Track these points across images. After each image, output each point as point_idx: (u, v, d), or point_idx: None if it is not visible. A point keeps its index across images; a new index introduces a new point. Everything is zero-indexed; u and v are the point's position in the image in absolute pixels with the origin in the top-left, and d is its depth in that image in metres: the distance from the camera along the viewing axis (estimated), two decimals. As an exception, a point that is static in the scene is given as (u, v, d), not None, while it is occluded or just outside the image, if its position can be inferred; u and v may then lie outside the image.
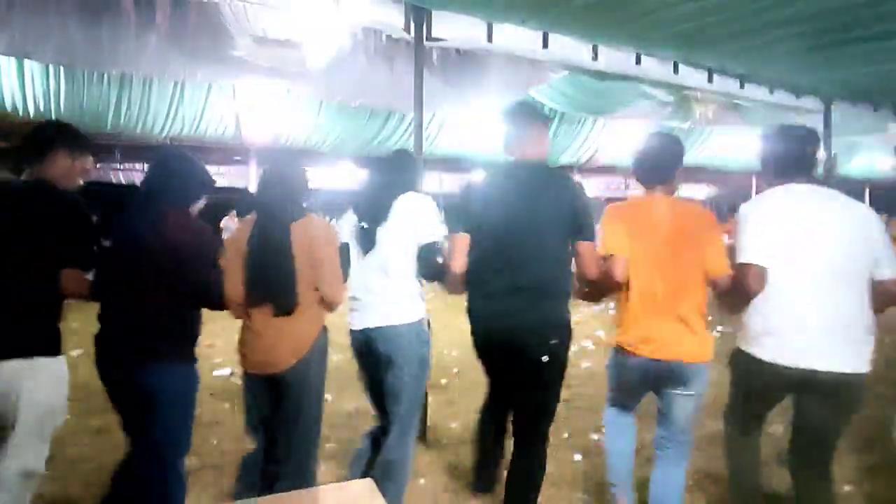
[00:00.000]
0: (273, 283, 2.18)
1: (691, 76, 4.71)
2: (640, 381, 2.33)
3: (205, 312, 2.37)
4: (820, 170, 2.90)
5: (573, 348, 2.41)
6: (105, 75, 6.87)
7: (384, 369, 2.42)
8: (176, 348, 2.16)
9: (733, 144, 11.41)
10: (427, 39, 3.49)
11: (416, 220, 2.42)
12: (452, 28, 3.58)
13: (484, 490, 2.67)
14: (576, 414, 3.87)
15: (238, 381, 4.56)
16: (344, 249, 2.43)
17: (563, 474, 3.06)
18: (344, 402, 4.11)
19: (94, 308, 2.22)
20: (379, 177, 2.58)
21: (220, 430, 3.64)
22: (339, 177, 11.57)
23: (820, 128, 5.91)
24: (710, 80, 4.78)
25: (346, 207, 2.61)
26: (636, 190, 2.51)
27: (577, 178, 14.60)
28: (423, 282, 2.54)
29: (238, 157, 11.20)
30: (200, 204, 2.34)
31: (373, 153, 10.02)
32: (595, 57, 4.15)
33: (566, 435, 3.54)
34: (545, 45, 3.89)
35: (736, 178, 14.72)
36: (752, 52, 4.09)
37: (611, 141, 11.04)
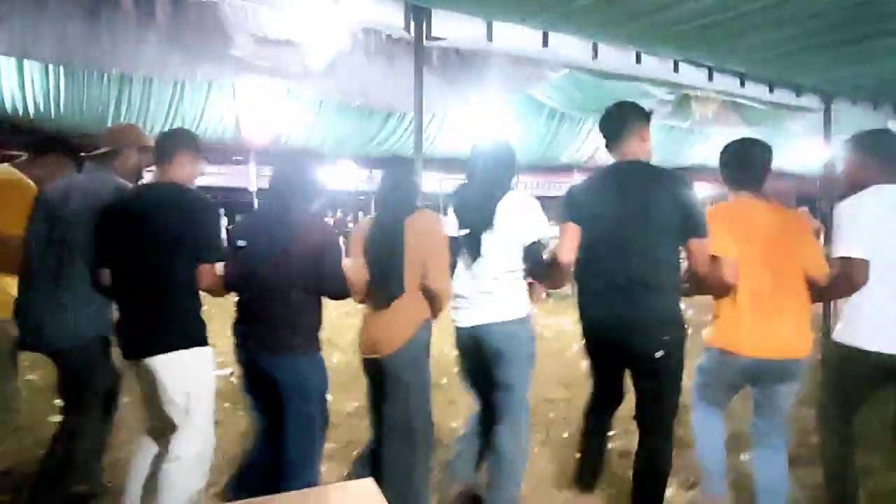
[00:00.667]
0: (382, 274, 2.34)
1: (691, 75, 4.70)
2: (743, 380, 2.45)
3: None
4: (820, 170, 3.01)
5: (573, 348, 2.45)
6: (105, 75, 6.87)
7: (495, 364, 2.49)
8: (310, 339, 2.36)
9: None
10: (427, 39, 3.49)
11: (521, 222, 2.45)
12: (452, 28, 3.58)
13: (586, 488, 2.68)
14: (576, 414, 3.87)
15: (236, 380, 4.56)
16: (451, 243, 2.49)
17: (564, 473, 3.06)
18: (344, 402, 4.10)
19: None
20: (479, 178, 2.55)
21: (219, 430, 3.61)
22: (338, 177, 11.57)
23: (820, 126, 5.91)
24: (710, 79, 4.78)
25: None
26: None
27: (576, 178, 14.68)
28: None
29: (238, 157, 11.19)
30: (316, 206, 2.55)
31: (372, 153, 10.03)
32: (595, 56, 4.15)
33: (566, 434, 3.54)
34: (545, 44, 3.88)
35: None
36: (752, 52, 4.09)
37: (611, 140, 11.04)
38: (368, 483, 1.97)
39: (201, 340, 2.30)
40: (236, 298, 2.40)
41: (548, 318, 7.46)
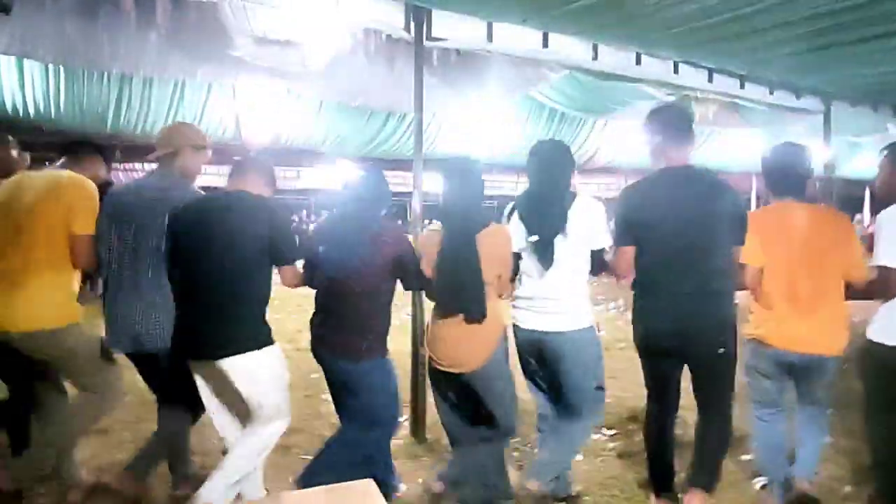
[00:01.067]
0: (465, 295, 2.35)
1: (691, 76, 4.71)
2: (779, 372, 2.58)
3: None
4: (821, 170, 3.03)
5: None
6: (105, 75, 6.86)
7: (566, 368, 2.53)
8: (384, 342, 2.50)
9: (733, 144, 11.40)
10: (427, 39, 3.49)
11: (590, 228, 2.47)
12: (452, 28, 3.58)
13: (667, 492, 2.67)
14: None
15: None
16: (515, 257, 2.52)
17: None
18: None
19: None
20: (546, 182, 2.53)
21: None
22: (339, 177, 11.56)
23: (820, 128, 5.92)
24: (710, 80, 4.78)
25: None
26: None
27: (576, 178, 14.61)
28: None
29: (238, 158, 11.20)
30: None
31: (372, 153, 10.02)
32: (595, 57, 4.15)
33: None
34: (545, 44, 3.89)
35: (735, 178, 14.71)
36: (753, 53, 4.09)
37: (611, 141, 11.03)
38: (368, 483, 1.97)
39: (270, 340, 2.40)
40: (317, 301, 2.51)
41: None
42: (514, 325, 2.59)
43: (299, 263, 2.51)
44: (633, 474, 3.07)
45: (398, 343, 2.82)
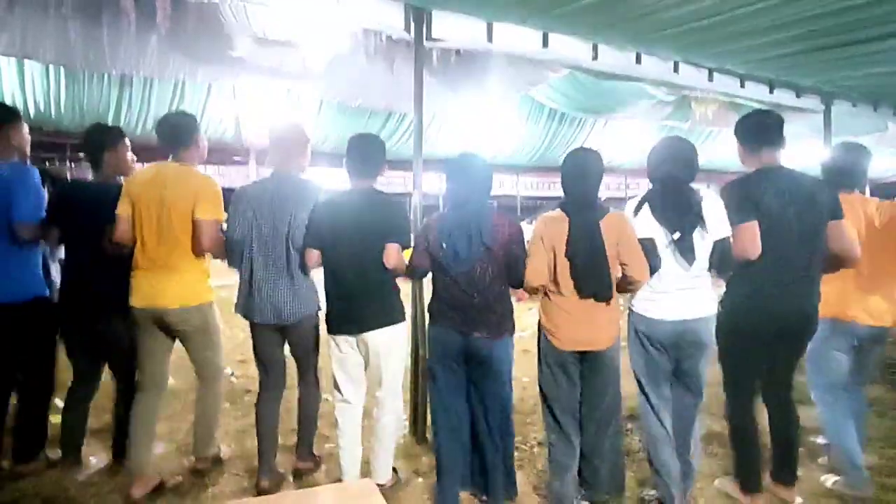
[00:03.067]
0: (596, 279, 2.50)
1: (691, 76, 4.70)
2: (848, 345, 2.88)
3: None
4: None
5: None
6: (105, 76, 6.88)
7: (696, 356, 2.63)
8: (511, 325, 2.70)
9: (733, 144, 11.42)
10: (427, 39, 3.49)
11: (719, 219, 2.56)
12: (452, 28, 3.58)
13: (757, 490, 2.75)
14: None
15: (235, 380, 4.57)
16: (650, 244, 2.55)
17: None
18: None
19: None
20: (679, 178, 2.56)
21: (220, 430, 3.63)
22: (339, 177, 11.57)
23: (820, 127, 5.92)
24: (710, 79, 4.78)
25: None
26: (635, 190, 2.67)
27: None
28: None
29: (238, 157, 11.19)
30: None
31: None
32: (595, 57, 4.15)
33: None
34: (545, 44, 3.88)
35: (735, 178, 14.71)
36: (752, 53, 4.10)
37: (611, 141, 11.04)
38: (368, 483, 1.98)
39: (404, 317, 2.81)
40: (439, 287, 2.68)
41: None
42: (650, 319, 2.62)
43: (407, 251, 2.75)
44: (630, 472, 3.05)
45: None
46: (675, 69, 4.56)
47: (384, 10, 3.46)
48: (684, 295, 2.58)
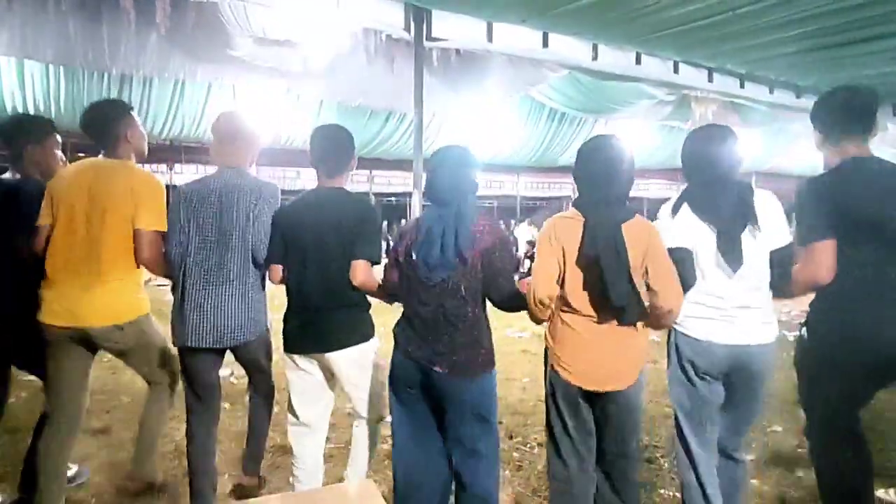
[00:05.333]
0: (616, 294, 1.95)
1: (691, 76, 4.71)
2: None
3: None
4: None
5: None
6: (105, 75, 6.86)
7: (754, 385, 2.17)
8: (489, 359, 2.14)
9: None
10: (427, 39, 3.49)
11: (777, 221, 2.11)
12: (452, 28, 3.59)
13: None
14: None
15: (236, 381, 4.56)
16: (686, 256, 2.12)
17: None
18: (343, 402, 4.10)
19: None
20: (725, 169, 2.13)
21: (220, 430, 3.63)
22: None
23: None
24: (710, 79, 4.79)
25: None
26: (636, 191, 2.52)
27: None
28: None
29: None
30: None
31: (372, 153, 10.03)
32: (595, 57, 4.16)
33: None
34: (545, 45, 3.89)
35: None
36: (753, 53, 4.09)
37: (611, 141, 11.04)
38: (368, 483, 1.97)
39: (373, 333, 2.43)
40: (405, 302, 2.23)
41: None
42: (697, 341, 2.15)
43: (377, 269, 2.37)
44: None
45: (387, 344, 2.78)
46: (675, 69, 4.56)
47: (384, 9, 3.46)
48: (740, 314, 2.11)
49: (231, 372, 4.68)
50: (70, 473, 2.76)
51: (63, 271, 2.35)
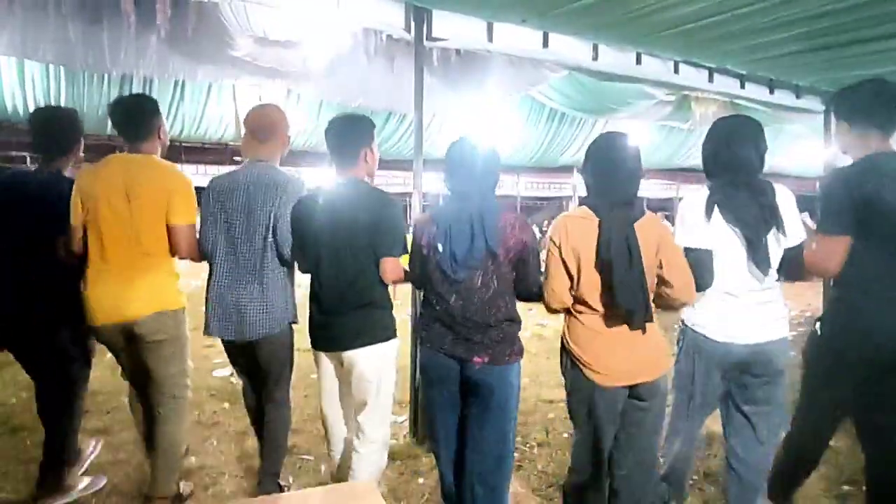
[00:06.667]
0: (630, 296, 1.95)
1: (691, 76, 4.71)
2: None
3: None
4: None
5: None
6: (105, 76, 6.87)
7: (770, 381, 2.18)
8: (519, 347, 2.18)
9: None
10: (427, 39, 3.48)
11: (795, 220, 2.12)
12: (452, 28, 3.58)
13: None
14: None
15: (236, 380, 4.57)
16: (706, 257, 2.11)
17: (563, 474, 3.06)
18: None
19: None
20: (745, 170, 2.09)
21: (219, 431, 3.64)
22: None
23: (820, 128, 5.91)
24: (710, 79, 4.78)
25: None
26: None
27: (577, 178, 14.48)
28: None
29: (238, 158, 11.21)
30: None
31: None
32: (595, 57, 4.15)
33: (566, 434, 3.54)
34: (545, 45, 3.88)
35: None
36: (753, 53, 4.09)
37: (611, 141, 11.03)
38: (368, 483, 1.97)
39: (394, 334, 2.39)
40: (431, 298, 2.22)
41: (546, 318, 7.46)
42: (716, 342, 2.15)
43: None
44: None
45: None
46: (676, 69, 4.56)
47: (384, 9, 3.46)
48: (759, 311, 2.11)
49: (231, 372, 4.69)
50: (82, 486, 2.79)
51: (104, 270, 2.39)
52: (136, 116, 2.49)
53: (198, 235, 2.49)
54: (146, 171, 2.43)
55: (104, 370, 3.20)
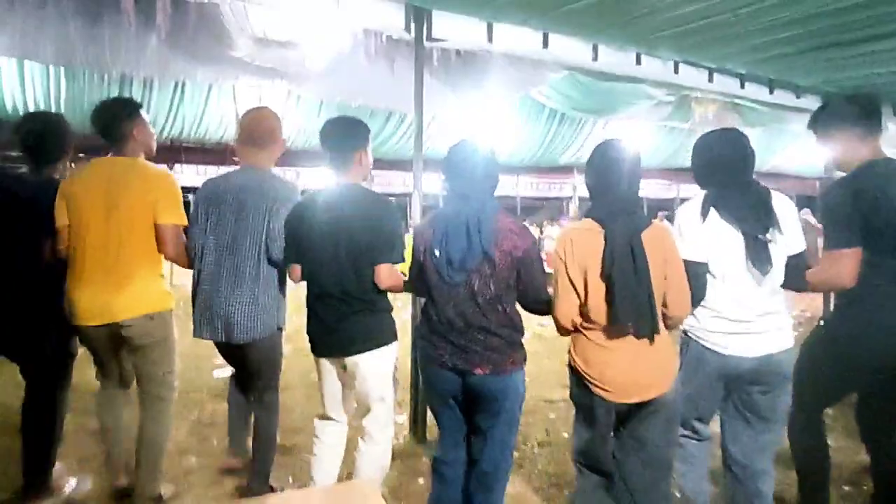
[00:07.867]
0: (638, 309, 1.92)
1: (691, 76, 4.71)
2: None
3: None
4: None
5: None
6: (105, 76, 6.87)
7: (775, 391, 2.16)
8: (522, 354, 2.18)
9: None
10: (427, 39, 3.49)
11: (791, 227, 2.10)
12: (452, 28, 3.58)
13: None
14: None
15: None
16: (702, 271, 2.10)
17: (563, 474, 3.06)
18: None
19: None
20: (742, 171, 2.10)
21: (220, 431, 3.63)
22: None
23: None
24: (710, 79, 4.78)
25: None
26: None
27: (577, 178, 14.43)
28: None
29: (238, 158, 11.20)
30: None
31: (373, 153, 10.02)
32: (595, 57, 4.15)
33: (566, 434, 3.54)
34: (545, 45, 3.89)
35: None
36: (753, 53, 4.09)
37: (611, 141, 11.03)
38: (368, 483, 1.97)
39: (395, 337, 2.39)
40: (429, 307, 2.20)
41: (547, 318, 7.47)
42: (727, 357, 2.12)
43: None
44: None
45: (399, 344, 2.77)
46: (676, 70, 4.56)
47: (384, 10, 3.46)
48: (762, 321, 2.09)
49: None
50: (68, 487, 2.83)
51: (90, 271, 2.39)
52: (106, 121, 2.48)
53: (184, 238, 2.50)
54: (129, 173, 2.44)
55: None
